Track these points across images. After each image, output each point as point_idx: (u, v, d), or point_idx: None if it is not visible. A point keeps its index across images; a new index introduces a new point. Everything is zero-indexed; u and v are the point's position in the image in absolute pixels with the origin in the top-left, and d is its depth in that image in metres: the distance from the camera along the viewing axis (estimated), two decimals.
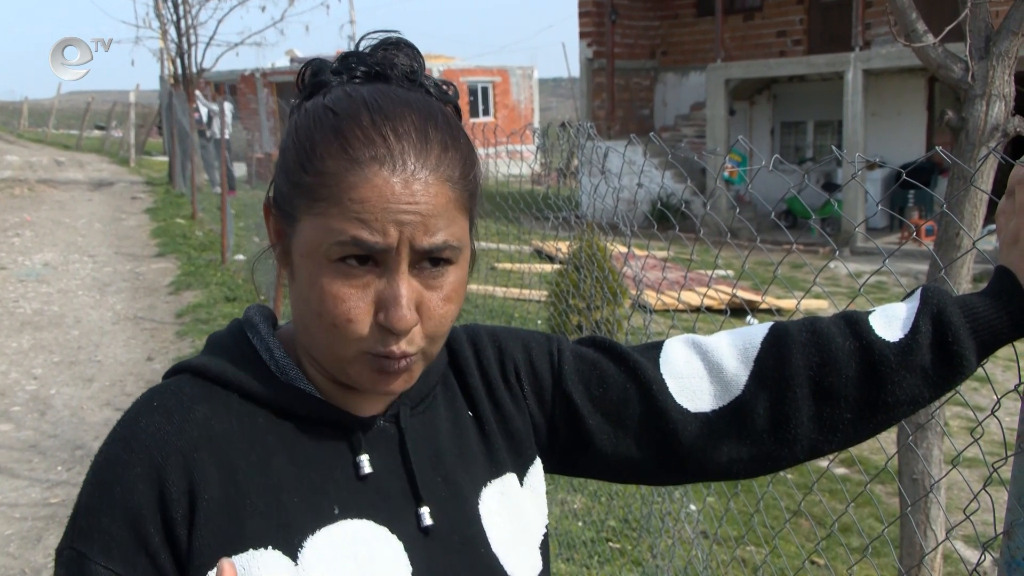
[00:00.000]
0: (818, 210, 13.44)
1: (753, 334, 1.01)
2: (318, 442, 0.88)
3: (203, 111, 15.92)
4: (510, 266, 8.58)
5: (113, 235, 12.60)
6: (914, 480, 2.43)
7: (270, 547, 0.81)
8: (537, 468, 1.01)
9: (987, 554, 1.34)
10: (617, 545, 3.98)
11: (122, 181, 18.91)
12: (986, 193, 2.10)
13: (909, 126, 14.47)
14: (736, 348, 1.00)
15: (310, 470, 0.86)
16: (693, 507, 3.87)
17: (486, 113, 26.45)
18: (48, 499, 4.57)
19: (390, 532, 0.87)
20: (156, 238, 12.07)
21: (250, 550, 0.81)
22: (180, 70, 16.43)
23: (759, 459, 0.99)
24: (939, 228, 2.38)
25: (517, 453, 0.99)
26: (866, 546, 2.14)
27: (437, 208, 0.80)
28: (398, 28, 0.93)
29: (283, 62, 27.59)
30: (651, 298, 7.15)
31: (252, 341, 0.92)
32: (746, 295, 8.79)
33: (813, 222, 13.32)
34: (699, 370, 1.00)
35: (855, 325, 0.98)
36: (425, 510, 0.90)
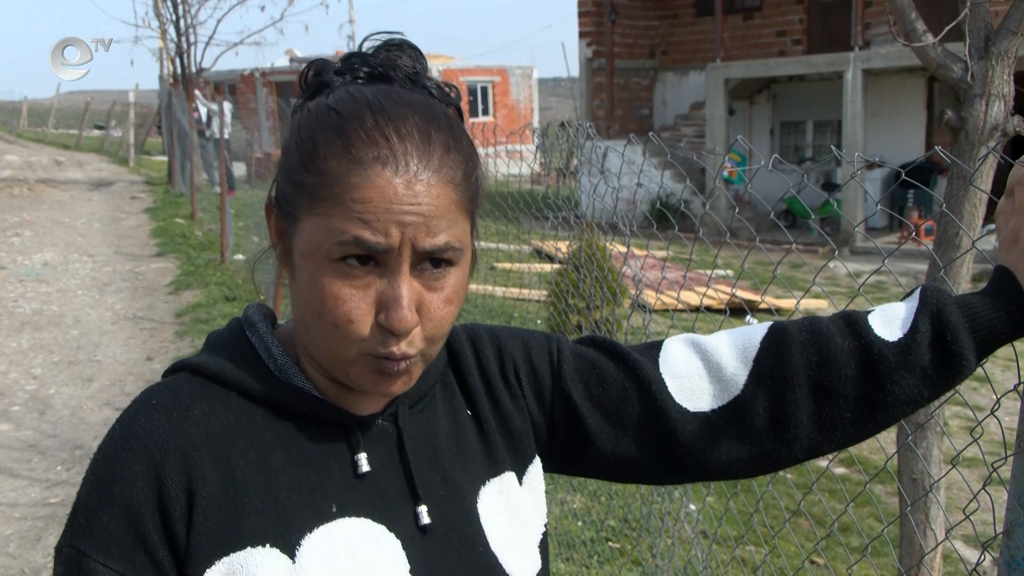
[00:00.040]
0: (817, 210, 13.45)
1: (752, 334, 1.01)
2: (316, 440, 0.88)
3: (202, 111, 15.94)
4: (510, 266, 8.59)
5: (112, 235, 12.60)
6: (914, 480, 2.43)
7: (268, 545, 0.82)
8: (536, 467, 1.01)
9: (987, 554, 1.34)
10: (617, 545, 3.98)
11: (121, 181, 18.90)
12: (985, 193, 2.10)
13: (908, 126, 14.47)
14: (735, 348, 1.00)
15: (308, 468, 0.86)
16: (693, 507, 3.87)
17: (485, 113, 26.46)
18: (47, 499, 4.57)
19: (388, 530, 0.87)
20: (155, 238, 12.07)
21: (248, 548, 0.81)
22: (179, 70, 16.44)
23: (758, 458, 0.99)
24: (938, 228, 2.37)
25: (516, 452, 1.00)
26: (866, 546, 2.14)
27: (439, 209, 0.81)
28: (398, 28, 0.93)
29: (282, 62, 27.60)
30: (650, 298, 7.15)
31: (251, 340, 0.92)
32: (745, 295, 8.79)
33: (812, 222, 13.32)
34: (698, 370, 1.00)
35: (854, 325, 0.98)
36: (423, 508, 0.90)
